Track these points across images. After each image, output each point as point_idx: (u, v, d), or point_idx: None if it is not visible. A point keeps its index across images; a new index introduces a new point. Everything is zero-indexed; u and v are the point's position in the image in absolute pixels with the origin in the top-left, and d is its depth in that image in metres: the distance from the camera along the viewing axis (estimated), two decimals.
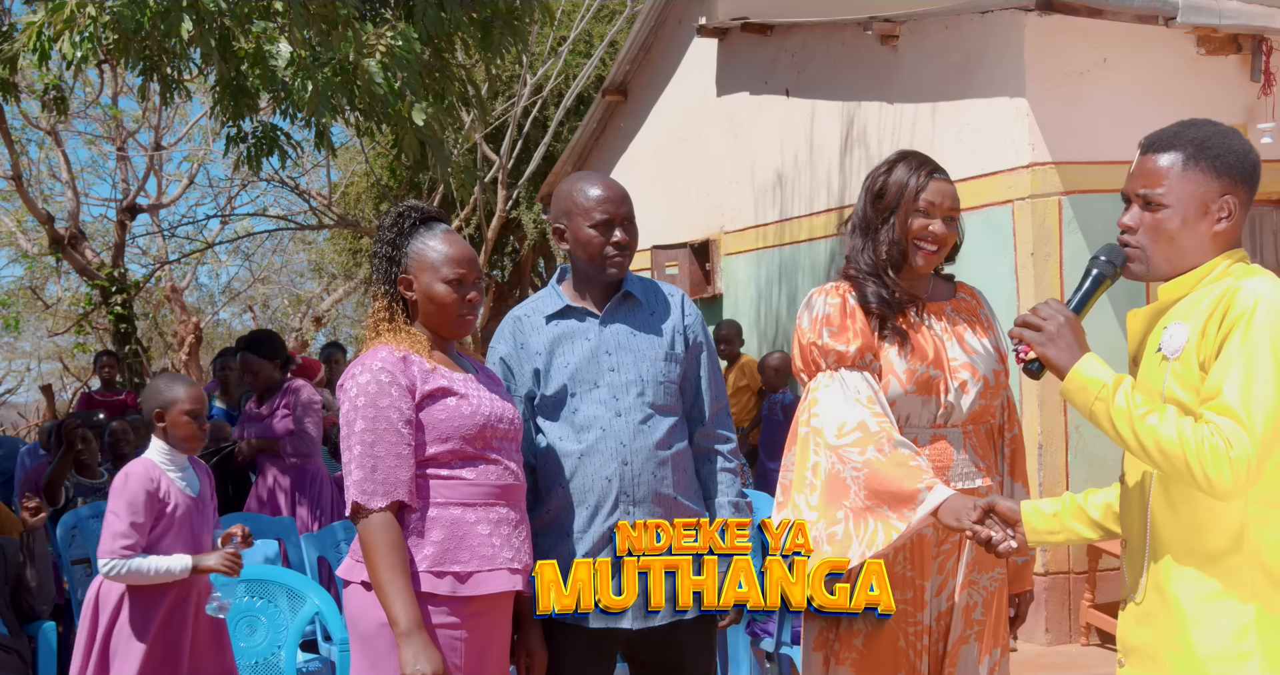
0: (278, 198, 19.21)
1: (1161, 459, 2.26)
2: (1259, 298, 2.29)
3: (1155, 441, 2.25)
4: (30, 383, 24.24)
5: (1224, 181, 2.42)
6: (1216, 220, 2.43)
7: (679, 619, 3.08)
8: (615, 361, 3.15)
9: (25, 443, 9.83)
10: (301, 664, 5.09)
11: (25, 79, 11.69)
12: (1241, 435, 2.19)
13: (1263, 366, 2.23)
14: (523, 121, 13.31)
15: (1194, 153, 2.43)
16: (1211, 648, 2.30)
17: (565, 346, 3.16)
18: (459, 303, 2.95)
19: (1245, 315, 2.27)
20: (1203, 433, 2.22)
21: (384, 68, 6.04)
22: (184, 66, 6.69)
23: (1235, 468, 2.19)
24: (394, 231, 2.96)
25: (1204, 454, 2.20)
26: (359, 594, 2.86)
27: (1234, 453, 2.19)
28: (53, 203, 17.74)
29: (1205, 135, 2.44)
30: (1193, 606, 2.33)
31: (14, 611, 5.08)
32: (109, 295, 13.82)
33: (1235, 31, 6.85)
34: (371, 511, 2.79)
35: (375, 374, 2.83)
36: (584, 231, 3.13)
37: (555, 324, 3.19)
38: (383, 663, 2.80)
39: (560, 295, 3.22)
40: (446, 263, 2.93)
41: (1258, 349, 2.24)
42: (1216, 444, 2.20)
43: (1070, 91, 6.98)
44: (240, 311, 25.37)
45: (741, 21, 9.35)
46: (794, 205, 9.21)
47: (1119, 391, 2.31)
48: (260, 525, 6.06)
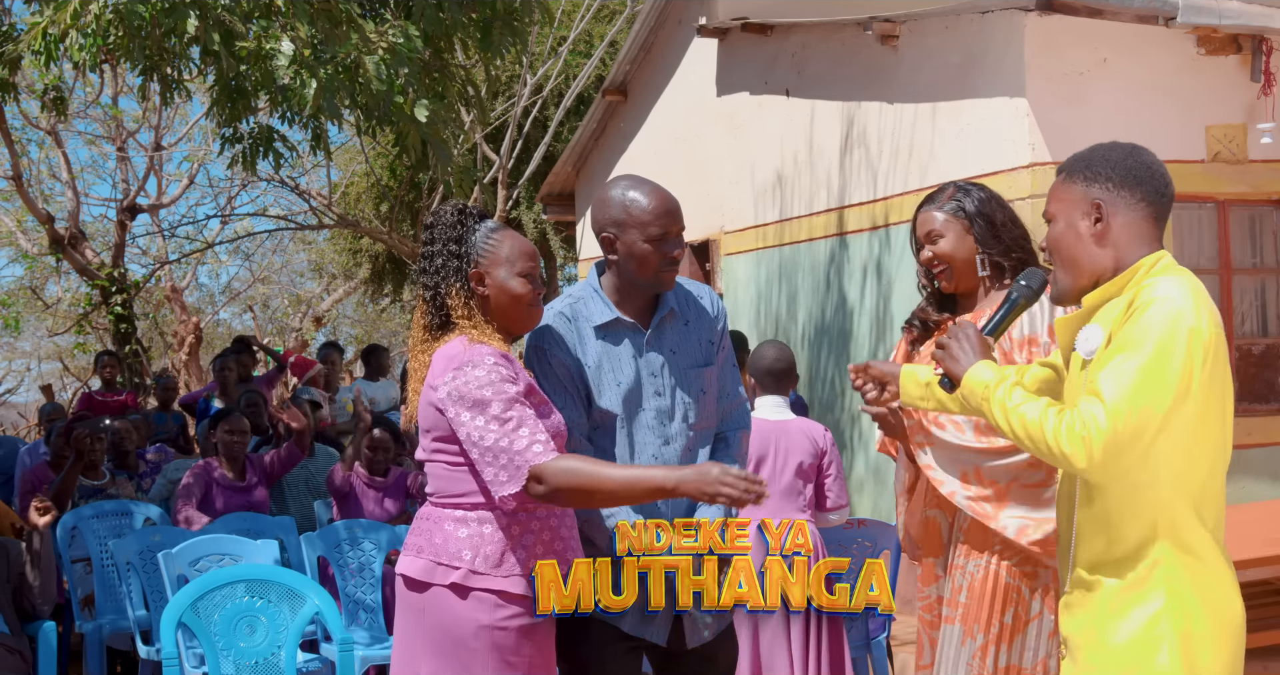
0: (278, 198, 19.22)
1: (1029, 442, 2.48)
2: (1156, 297, 2.42)
3: (1024, 426, 2.48)
4: (30, 383, 24.24)
5: (1094, 187, 2.57)
6: (1093, 223, 2.56)
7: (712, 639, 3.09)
8: (661, 385, 3.11)
9: (25, 443, 9.83)
10: (301, 664, 5.10)
11: (25, 79, 11.69)
12: (1099, 414, 2.38)
13: (1139, 357, 2.39)
14: (523, 121, 13.30)
15: (1070, 167, 2.63)
16: (1124, 636, 2.44)
17: (614, 365, 3.09)
18: (532, 296, 2.94)
19: (1140, 310, 2.43)
20: (1066, 416, 2.42)
21: (386, 65, 6.04)
22: (184, 66, 6.68)
23: (1087, 444, 2.38)
24: (459, 229, 2.93)
25: (1059, 433, 2.41)
26: (445, 598, 2.83)
27: (1087, 431, 2.38)
28: (53, 203, 17.72)
29: (1090, 152, 2.63)
30: (1108, 596, 2.48)
31: (14, 611, 5.09)
32: (109, 295, 13.81)
33: (1235, 31, 6.86)
34: (547, 463, 2.74)
35: (491, 368, 2.80)
36: (639, 245, 3.04)
37: (603, 337, 3.10)
38: (478, 666, 2.80)
39: (608, 304, 3.12)
40: (521, 257, 2.93)
41: (1140, 341, 2.39)
42: (1073, 424, 2.40)
43: (1070, 91, 6.98)
44: (240, 311, 25.38)
45: (741, 21, 9.35)
46: (794, 205, 9.21)
47: (998, 387, 2.55)
48: (260, 525, 6.07)
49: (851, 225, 8.55)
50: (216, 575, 4.50)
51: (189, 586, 4.42)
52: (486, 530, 2.84)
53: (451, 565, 2.82)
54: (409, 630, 2.89)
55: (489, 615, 2.81)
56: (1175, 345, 2.38)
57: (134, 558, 5.62)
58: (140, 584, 5.65)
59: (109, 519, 6.25)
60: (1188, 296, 2.41)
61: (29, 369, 25.12)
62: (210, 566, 5.21)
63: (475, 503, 2.86)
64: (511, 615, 2.82)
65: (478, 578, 2.81)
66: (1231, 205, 7.39)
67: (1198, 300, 2.43)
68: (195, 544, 5.38)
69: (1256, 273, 7.53)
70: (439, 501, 2.91)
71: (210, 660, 4.37)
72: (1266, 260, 7.55)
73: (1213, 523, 2.48)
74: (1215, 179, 7.23)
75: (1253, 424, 7.27)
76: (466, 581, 2.81)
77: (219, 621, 4.38)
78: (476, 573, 2.81)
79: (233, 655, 4.38)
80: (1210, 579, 2.46)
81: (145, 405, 11.94)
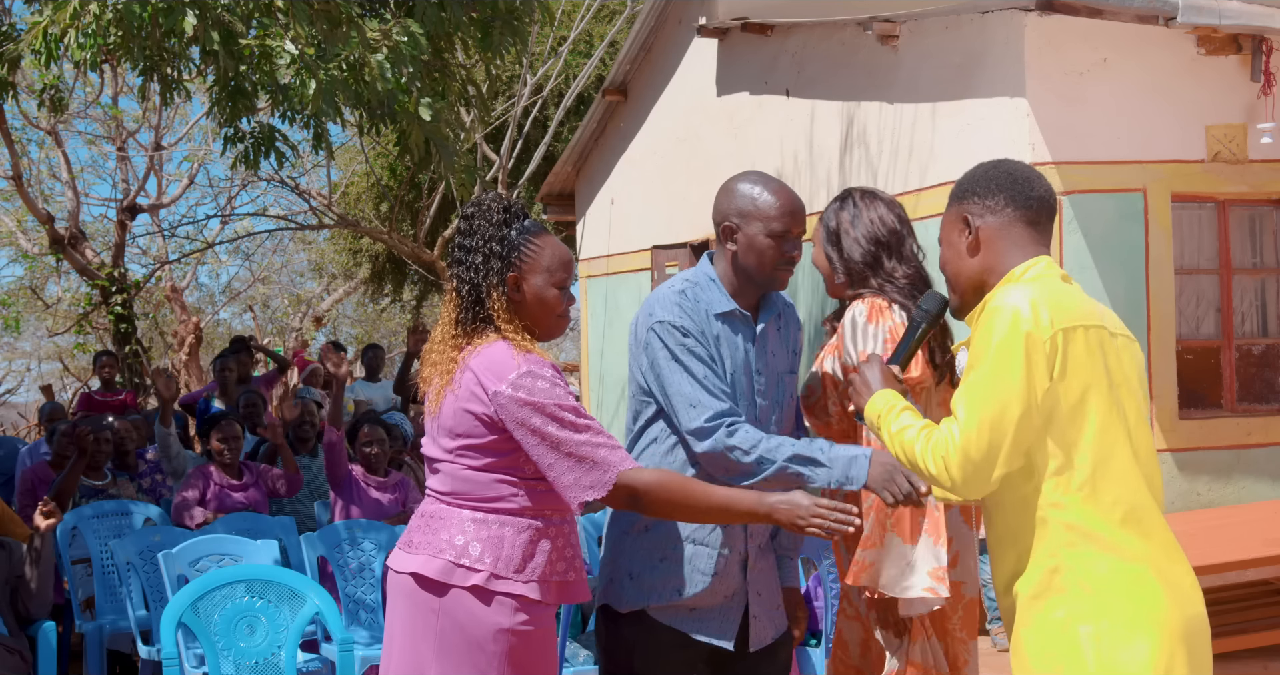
0: (278, 198, 19.21)
1: (909, 462, 2.55)
2: (997, 308, 2.45)
3: (903, 449, 2.56)
4: (30, 383, 24.22)
5: (963, 204, 2.61)
6: (964, 237, 2.61)
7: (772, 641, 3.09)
8: (763, 385, 3.10)
9: (25, 442, 9.83)
10: (301, 664, 5.10)
11: (25, 78, 11.69)
12: (955, 433, 2.44)
13: (980, 370, 2.43)
14: (523, 121, 13.31)
15: (952, 190, 2.67)
16: (1041, 647, 2.41)
17: (731, 354, 3.05)
18: (564, 306, 2.91)
19: (981, 325, 2.48)
20: (935, 436, 2.48)
21: (390, 64, 6.03)
22: (184, 66, 6.68)
23: (950, 463, 2.43)
24: (504, 227, 2.87)
25: (928, 453, 2.48)
26: (466, 600, 2.80)
27: (945, 450, 2.44)
28: (53, 203, 17.72)
29: (963, 176, 2.65)
30: (1023, 611, 2.46)
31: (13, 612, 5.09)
32: (109, 295, 13.82)
33: (1235, 31, 6.85)
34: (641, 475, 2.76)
35: (552, 379, 2.78)
36: (761, 239, 3.04)
37: (722, 325, 3.06)
38: (493, 670, 2.79)
39: (725, 294, 3.08)
40: (561, 266, 2.89)
41: (981, 355, 2.44)
42: (936, 445, 2.47)
43: (1070, 91, 6.98)
44: (240, 311, 25.37)
45: (741, 21, 9.35)
46: None
47: (889, 414, 2.62)
48: (260, 525, 6.07)
49: None
50: (216, 575, 4.50)
51: (189, 586, 4.42)
52: (507, 533, 2.82)
53: (473, 567, 2.79)
54: (418, 631, 2.84)
55: (509, 619, 2.80)
56: (1012, 352, 2.39)
57: (134, 558, 5.62)
58: (140, 584, 5.65)
59: (109, 519, 6.25)
60: (1026, 300, 2.42)
61: (29, 369, 25.13)
62: (210, 566, 5.21)
63: (496, 507, 2.83)
64: (528, 621, 2.82)
65: (500, 582, 2.79)
66: (1231, 205, 7.39)
67: (1039, 301, 2.41)
68: (195, 544, 5.38)
69: (1256, 273, 7.53)
70: (455, 501, 2.86)
71: (210, 660, 4.37)
72: (1266, 260, 7.55)
73: (1122, 509, 2.41)
74: (1215, 179, 7.22)
75: (1253, 424, 7.27)
76: (489, 585, 2.79)
77: (219, 621, 4.38)
78: (498, 577, 2.79)
79: (233, 655, 4.38)
80: (1124, 567, 2.38)
81: (145, 405, 11.94)
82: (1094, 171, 6.96)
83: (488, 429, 2.80)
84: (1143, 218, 7.06)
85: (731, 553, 3.01)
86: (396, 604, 2.90)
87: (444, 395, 2.85)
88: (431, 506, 2.90)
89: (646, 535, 3.01)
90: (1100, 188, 6.96)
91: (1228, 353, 7.40)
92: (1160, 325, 7.08)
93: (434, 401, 2.88)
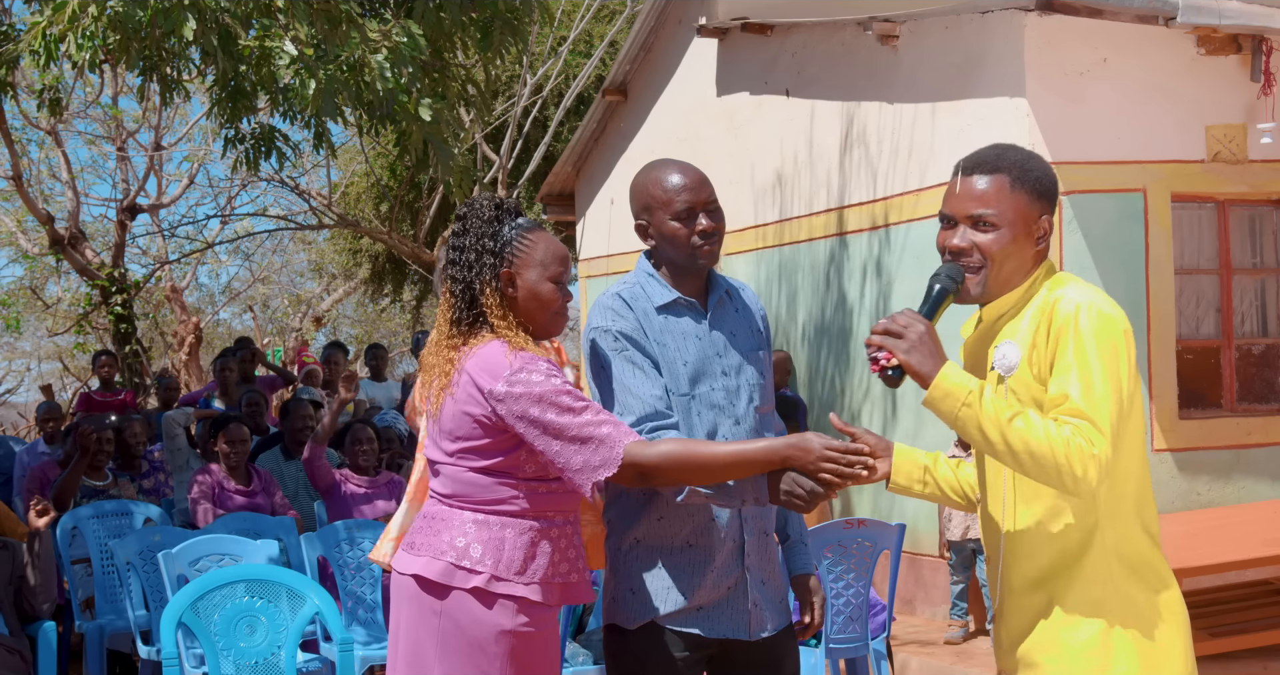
0: (278, 198, 19.22)
1: (1030, 460, 2.33)
2: (1078, 305, 2.40)
3: (1024, 444, 2.32)
4: (30, 383, 24.24)
5: (1043, 203, 2.54)
6: (1038, 240, 2.53)
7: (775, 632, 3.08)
8: (727, 365, 3.07)
9: (23, 442, 9.84)
10: (301, 664, 5.10)
11: (25, 78, 11.69)
12: (1097, 435, 2.31)
13: (1096, 369, 2.35)
14: (523, 121, 13.31)
15: (1019, 175, 2.54)
16: (1074, 652, 2.40)
17: (679, 344, 3.03)
18: (560, 302, 2.89)
19: (1070, 323, 2.39)
20: (1065, 433, 2.31)
21: (390, 64, 6.03)
22: (184, 66, 6.68)
23: (1099, 465, 2.30)
24: (496, 224, 2.85)
25: (1071, 454, 2.30)
26: (467, 602, 2.79)
27: (1095, 451, 2.30)
28: (53, 203, 17.74)
29: (1023, 158, 2.58)
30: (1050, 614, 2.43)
31: (15, 611, 5.09)
32: (109, 295, 13.82)
33: (1235, 31, 6.86)
34: (645, 447, 2.72)
35: (546, 372, 2.76)
36: (668, 225, 3.00)
37: (666, 317, 3.03)
38: (495, 671, 2.79)
39: (665, 285, 3.05)
40: (555, 260, 2.87)
41: (1088, 353, 2.36)
42: (1081, 444, 2.30)
43: (1070, 91, 6.98)
44: (240, 311, 25.38)
45: (741, 21, 9.35)
46: (793, 205, 9.21)
47: (984, 397, 2.37)
48: (260, 525, 6.07)
49: (851, 225, 8.55)
50: (216, 575, 4.50)
51: (189, 586, 4.42)
52: (508, 535, 2.81)
53: (474, 570, 2.78)
54: (420, 632, 2.83)
55: (511, 621, 2.79)
56: (1117, 350, 2.38)
57: (134, 558, 5.62)
58: (140, 584, 5.65)
59: (109, 519, 6.26)
60: (1101, 297, 2.43)
61: (29, 369, 25.14)
62: (210, 566, 5.21)
63: (497, 509, 2.82)
64: (529, 622, 2.81)
65: (501, 584, 2.78)
66: (1231, 205, 7.39)
67: (1108, 299, 2.44)
68: (195, 544, 5.38)
69: (1256, 273, 7.53)
70: (456, 504, 2.85)
71: (210, 660, 4.36)
72: (1266, 260, 7.55)
73: (1154, 526, 2.48)
74: (1215, 179, 7.23)
75: (1253, 424, 7.27)
76: (490, 587, 2.78)
77: (219, 621, 4.37)
78: (500, 579, 2.78)
79: (233, 655, 4.38)
80: (1158, 583, 2.44)
81: (145, 405, 11.94)
82: (1094, 171, 6.96)
83: (486, 431, 2.79)
84: (1143, 218, 7.06)
85: (726, 544, 3.01)
86: (399, 606, 2.89)
87: (443, 398, 2.84)
88: (433, 508, 2.89)
89: (638, 548, 3.01)
90: (1100, 188, 6.97)
91: (1228, 353, 7.40)
92: (1160, 325, 7.09)
93: (434, 404, 2.87)
